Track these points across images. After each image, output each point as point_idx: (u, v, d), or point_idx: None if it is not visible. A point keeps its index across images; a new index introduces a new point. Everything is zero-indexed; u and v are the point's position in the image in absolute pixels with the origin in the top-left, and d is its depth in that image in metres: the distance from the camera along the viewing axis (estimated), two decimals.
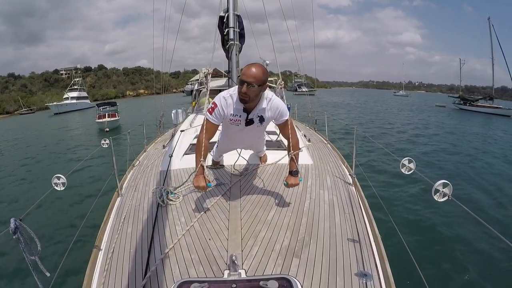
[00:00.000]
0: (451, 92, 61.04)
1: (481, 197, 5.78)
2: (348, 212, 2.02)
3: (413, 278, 1.70)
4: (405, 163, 1.76)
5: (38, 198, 1.81)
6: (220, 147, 2.47)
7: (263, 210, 1.91)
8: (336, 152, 3.76)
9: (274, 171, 2.63)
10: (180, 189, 2.28)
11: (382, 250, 1.65)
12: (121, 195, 2.55)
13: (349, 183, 2.62)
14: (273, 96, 1.88)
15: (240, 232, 1.65)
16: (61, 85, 64.03)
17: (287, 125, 1.93)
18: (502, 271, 3.47)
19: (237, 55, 4.30)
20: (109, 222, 2.11)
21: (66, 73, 75.72)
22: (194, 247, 1.57)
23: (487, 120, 21.44)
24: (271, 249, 1.52)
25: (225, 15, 4.24)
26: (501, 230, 1.08)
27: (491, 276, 3.42)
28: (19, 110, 43.14)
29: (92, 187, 6.38)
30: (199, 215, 1.86)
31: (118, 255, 1.66)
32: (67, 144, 13.72)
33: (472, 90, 75.58)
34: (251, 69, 1.69)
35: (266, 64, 12.92)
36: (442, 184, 1.35)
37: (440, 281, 3.34)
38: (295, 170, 1.91)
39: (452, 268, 3.53)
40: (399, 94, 68.65)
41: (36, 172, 8.72)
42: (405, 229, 4.33)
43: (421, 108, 31.44)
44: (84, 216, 2.51)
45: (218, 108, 1.83)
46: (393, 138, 12.61)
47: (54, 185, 1.80)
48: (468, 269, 3.52)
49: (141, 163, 3.55)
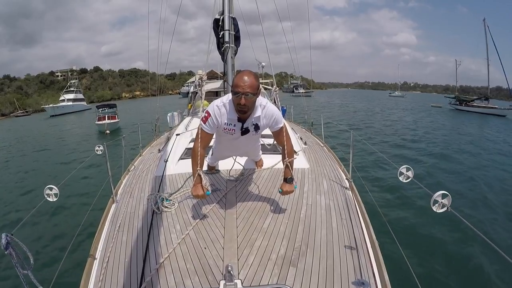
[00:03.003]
0: (446, 93, 61.59)
1: (481, 204, 5.66)
2: (345, 218, 2.01)
3: (411, 287, 1.68)
4: (403, 171, 1.72)
5: (31, 208, 1.78)
6: (216, 154, 2.45)
7: (259, 217, 1.90)
8: (332, 155, 3.75)
9: (270, 176, 2.61)
10: (176, 196, 2.26)
11: (379, 258, 1.63)
12: (116, 201, 2.52)
13: (346, 187, 2.60)
14: (267, 103, 1.85)
15: (236, 240, 1.64)
16: (56, 87, 63.86)
17: (282, 132, 1.90)
18: (498, 283, 3.44)
19: (233, 57, 4.28)
20: (104, 231, 2.08)
21: (61, 75, 75.47)
22: (189, 256, 1.55)
23: (483, 120, 21.60)
24: (267, 258, 1.50)
25: (220, 18, 4.22)
26: (500, 243, 1.07)
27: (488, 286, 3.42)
28: (15, 112, 42.94)
29: (87, 194, 6.21)
30: (194, 223, 1.84)
31: (113, 264, 1.63)
32: (65, 147, 13.51)
33: (467, 90, 76.34)
34: (244, 78, 1.65)
35: (262, 66, 12.96)
36: (441, 195, 1.32)
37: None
38: (290, 177, 1.89)
39: (450, 277, 3.50)
40: (395, 94, 69.17)
41: (32, 179, 8.44)
42: (402, 234, 4.27)
43: (417, 109, 31.62)
44: (78, 224, 2.48)
45: (212, 117, 1.80)
46: (392, 140, 12.58)
47: (46, 196, 1.76)
48: (465, 279, 3.50)
49: (136, 168, 3.52)
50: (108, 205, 2.44)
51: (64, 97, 41.17)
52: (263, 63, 12.25)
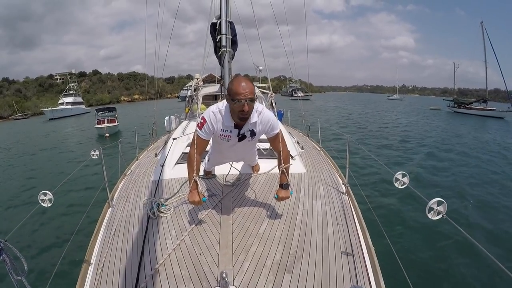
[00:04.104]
0: (444, 95, 61.88)
1: (479, 208, 5.63)
2: (342, 223, 2.00)
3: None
4: (398, 177, 1.72)
5: (25, 213, 1.76)
6: (212, 160, 2.45)
7: (255, 223, 1.89)
8: (329, 160, 3.75)
9: (267, 181, 2.61)
10: (171, 201, 2.25)
11: (375, 264, 1.62)
12: (112, 206, 2.51)
13: (343, 192, 2.59)
14: (263, 109, 1.85)
15: (232, 246, 1.63)
16: (55, 90, 63.86)
17: (278, 138, 1.90)
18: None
19: (230, 62, 4.29)
20: (99, 236, 2.07)
21: (60, 78, 75.33)
22: (184, 262, 1.54)
23: (482, 123, 21.68)
24: (263, 265, 1.49)
25: (218, 22, 4.23)
26: (494, 250, 1.06)
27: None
28: (14, 115, 42.88)
29: (83, 199, 6.10)
30: (190, 228, 1.83)
31: (108, 270, 1.62)
32: (64, 151, 13.47)
33: (465, 93, 76.78)
34: (242, 84, 1.64)
35: (259, 70, 12.99)
36: (436, 202, 1.32)
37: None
38: (285, 183, 1.89)
39: (446, 283, 3.49)
40: (393, 98, 69.36)
41: (28, 183, 8.34)
42: (398, 240, 4.27)
43: (416, 112, 31.67)
44: (73, 229, 2.46)
45: (208, 123, 1.80)
46: (390, 143, 12.56)
47: (40, 201, 1.76)
48: (462, 285, 3.49)
49: (132, 172, 3.51)
50: (104, 210, 2.43)
51: (63, 100, 41.26)
52: (260, 67, 12.29)
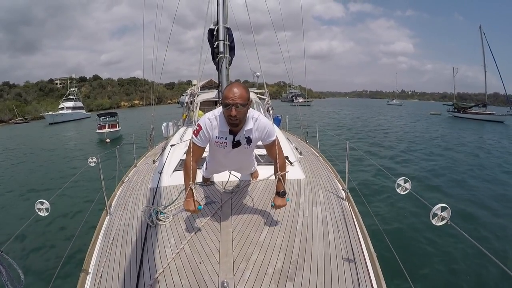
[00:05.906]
0: (444, 100, 62.02)
1: (482, 214, 5.55)
2: (342, 229, 1.98)
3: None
4: (400, 183, 1.71)
5: (21, 222, 1.75)
6: (209, 168, 2.43)
7: (255, 230, 1.86)
8: (328, 165, 3.72)
9: (266, 188, 2.59)
10: (170, 208, 2.22)
11: (378, 270, 1.60)
12: (110, 214, 2.48)
13: (343, 198, 2.57)
14: (259, 116, 1.84)
15: (232, 254, 1.60)
16: (56, 95, 64.17)
17: (274, 146, 1.89)
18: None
19: (227, 67, 4.29)
20: (97, 244, 2.04)
21: (61, 82, 75.78)
22: (184, 271, 1.51)
23: (482, 127, 21.73)
24: (264, 273, 1.47)
25: (215, 28, 4.24)
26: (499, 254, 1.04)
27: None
28: (14, 119, 42.97)
29: (80, 207, 5.99)
30: (189, 237, 1.80)
31: (106, 280, 1.60)
32: (64, 156, 13.33)
33: (465, 97, 76.97)
34: (233, 89, 1.65)
35: (256, 76, 12.96)
36: (440, 208, 1.31)
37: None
38: (282, 191, 1.88)
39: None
40: (393, 103, 69.63)
41: (25, 190, 8.15)
42: (401, 246, 4.18)
43: (416, 117, 31.67)
44: (71, 238, 2.43)
45: (203, 130, 1.79)
46: (394, 148, 12.49)
47: (37, 210, 1.74)
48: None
49: (130, 179, 3.47)
50: (101, 218, 2.40)
51: (63, 105, 41.37)
52: (257, 73, 12.27)
